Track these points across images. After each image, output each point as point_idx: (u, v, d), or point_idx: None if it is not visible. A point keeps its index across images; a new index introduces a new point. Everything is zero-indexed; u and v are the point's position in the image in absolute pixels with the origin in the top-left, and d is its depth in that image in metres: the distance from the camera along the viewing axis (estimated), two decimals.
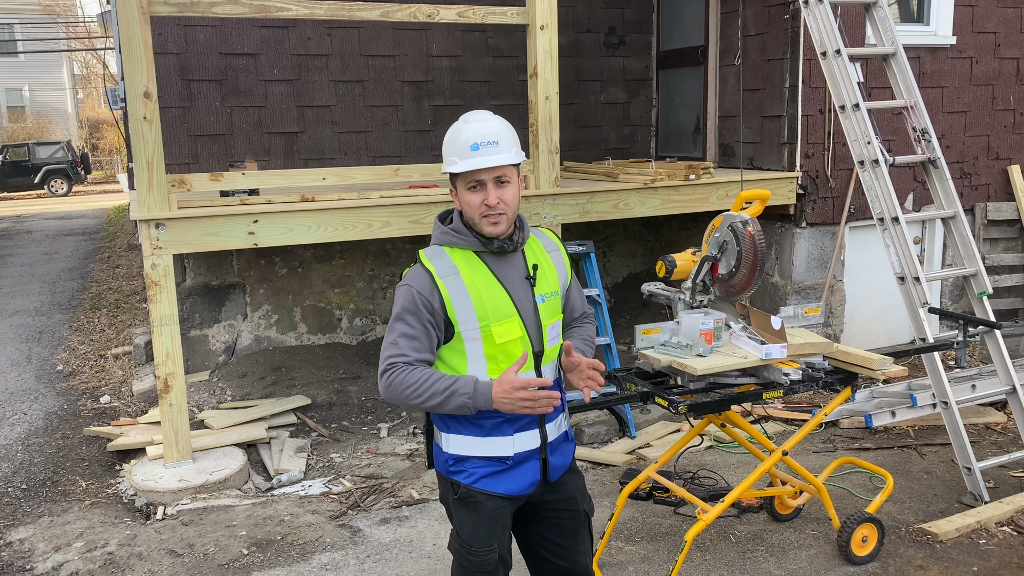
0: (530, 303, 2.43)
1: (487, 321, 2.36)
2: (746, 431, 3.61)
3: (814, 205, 6.48)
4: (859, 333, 6.95)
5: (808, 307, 3.64)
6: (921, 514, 4.20)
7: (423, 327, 2.34)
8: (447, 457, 2.48)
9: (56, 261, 12.40)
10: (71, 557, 3.98)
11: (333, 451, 5.33)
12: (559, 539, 2.59)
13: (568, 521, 2.58)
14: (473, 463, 2.44)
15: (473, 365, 2.39)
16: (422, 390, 2.29)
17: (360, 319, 7.16)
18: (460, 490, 2.45)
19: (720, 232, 3.48)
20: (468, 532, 2.47)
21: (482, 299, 2.36)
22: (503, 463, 2.43)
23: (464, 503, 2.46)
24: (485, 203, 2.35)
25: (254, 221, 4.90)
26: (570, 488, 2.58)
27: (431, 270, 2.37)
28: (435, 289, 2.35)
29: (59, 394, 6.37)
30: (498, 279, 2.40)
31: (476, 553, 2.46)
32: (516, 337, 2.38)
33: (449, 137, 2.42)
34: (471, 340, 2.37)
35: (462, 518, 2.49)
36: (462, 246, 2.42)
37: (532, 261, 2.48)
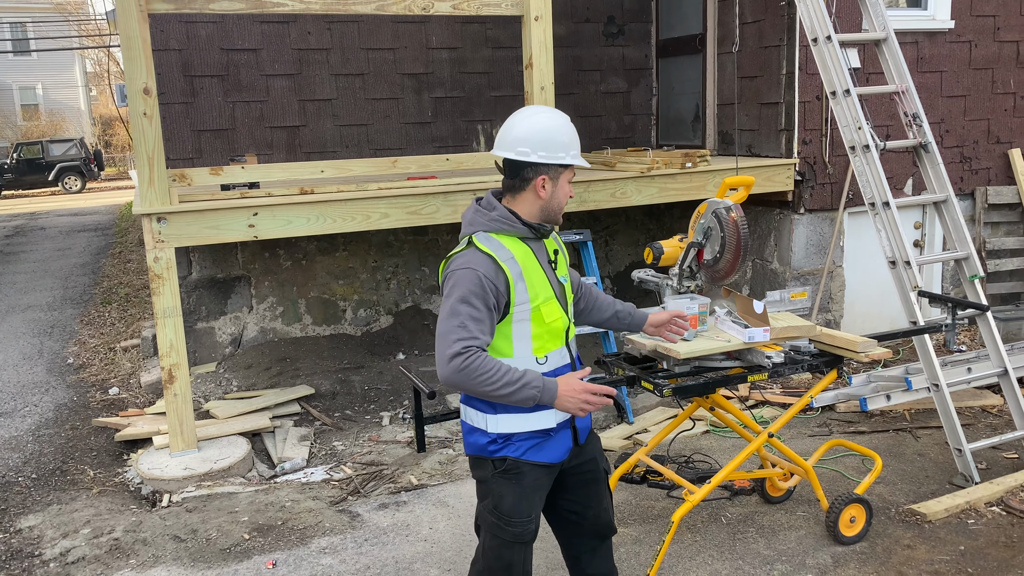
0: (558, 284, 2.65)
1: (537, 302, 2.53)
2: (734, 414, 3.66)
3: (812, 191, 6.50)
4: (859, 319, 6.97)
5: (794, 291, 3.68)
6: (912, 495, 4.25)
7: (488, 310, 2.45)
8: (493, 436, 2.58)
9: (69, 257, 12.57)
10: (78, 543, 4.10)
11: (336, 439, 5.43)
12: (586, 501, 2.77)
13: (592, 482, 2.77)
14: (519, 437, 2.57)
15: (519, 346, 2.54)
16: (496, 378, 2.39)
17: (364, 310, 7.25)
18: (506, 463, 2.57)
19: (705, 218, 3.53)
20: (509, 504, 2.58)
21: (533, 281, 2.54)
22: (547, 435, 2.59)
23: (507, 476, 2.58)
24: (569, 196, 2.64)
25: (254, 214, 4.99)
26: (591, 450, 2.78)
27: (492, 254, 2.49)
28: (500, 272, 2.47)
29: (69, 386, 6.50)
30: (539, 262, 2.60)
31: (516, 524, 2.59)
32: (559, 316, 2.60)
33: (564, 132, 2.56)
34: (520, 321, 2.53)
35: (503, 491, 2.59)
36: (510, 233, 2.57)
37: (552, 247, 2.71)
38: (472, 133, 7.48)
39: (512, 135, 2.55)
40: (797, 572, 3.58)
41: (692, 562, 3.69)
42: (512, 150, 2.53)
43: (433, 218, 5.41)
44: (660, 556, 3.40)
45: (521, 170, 2.54)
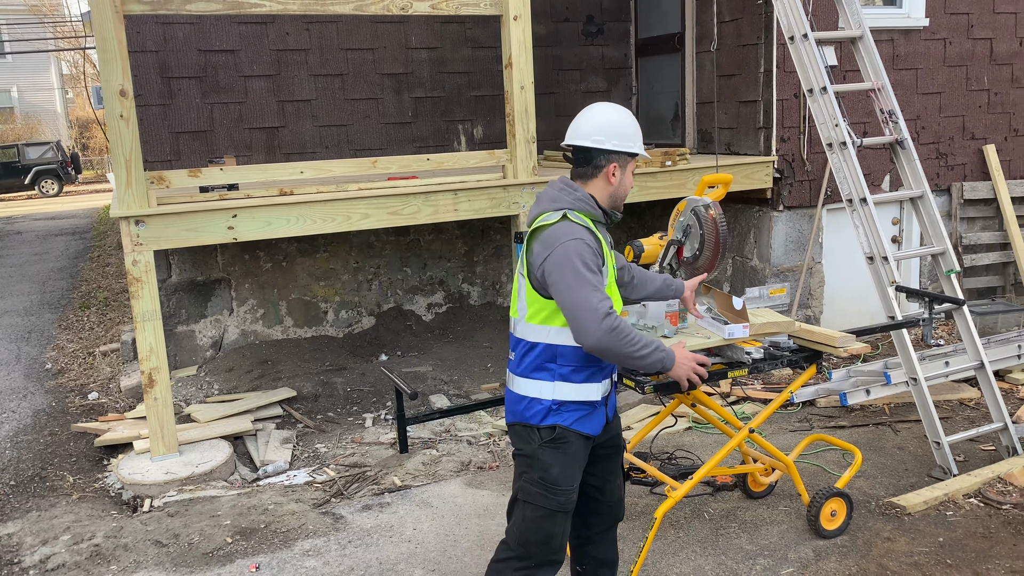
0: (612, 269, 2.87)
1: (611, 278, 2.75)
2: (715, 411, 3.68)
3: (791, 188, 6.55)
4: (839, 314, 7.03)
5: (773, 287, 3.71)
6: (892, 488, 4.29)
7: (602, 277, 2.65)
8: (549, 404, 2.70)
9: (46, 261, 12.43)
10: (58, 550, 4.06)
11: (318, 441, 5.41)
12: (606, 475, 2.96)
13: (613, 456, 2.98)
14: (569, 406, 2.72)
15: None
16: (637, 339, 2.61)
17: (346, 311, 7.22)
18: (556, 432, 2.70)
19: (684, 216, 3.55)
20: (557, 472, 2.71)
21: (609, 260, 2.76)
22: (592, 407, 2.75)
23: (554, 444, 2.71)
24: (631, 185, 2.86)
25: (233, 216, 4.96)
26: (615, 426, 2.99)
27: (590, 226, 2.67)
28: (599, 245, 2.68)
29: (48, 392, 6.43)
30: (608, 246, 2.81)
31: (562, 492, 2.72)
32: (617, 296, 2.80)
33: (632, 124, 2.81)
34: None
35: (550, 460, 2.71)
36: (591, 215, 2.73)
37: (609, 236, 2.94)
38: (453, 133, 7.47)
39: (586, 127, 2.77)
40: (779, 566, 3.61)
41: (675, 558, 3.71)
42: (588, 139, 2.75)
43: (414, 218, 5.40)
44: (643, 553, 3.41)
45: (594, 158, 2.75)
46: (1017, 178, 7.41)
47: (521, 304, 2.73)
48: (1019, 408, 5.22)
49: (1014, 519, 3.90)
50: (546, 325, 2.68)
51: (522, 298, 2.72)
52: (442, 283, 7.55)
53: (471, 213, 5.56)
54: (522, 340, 2.74)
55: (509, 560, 2.82)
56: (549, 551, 2.77)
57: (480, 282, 7.71)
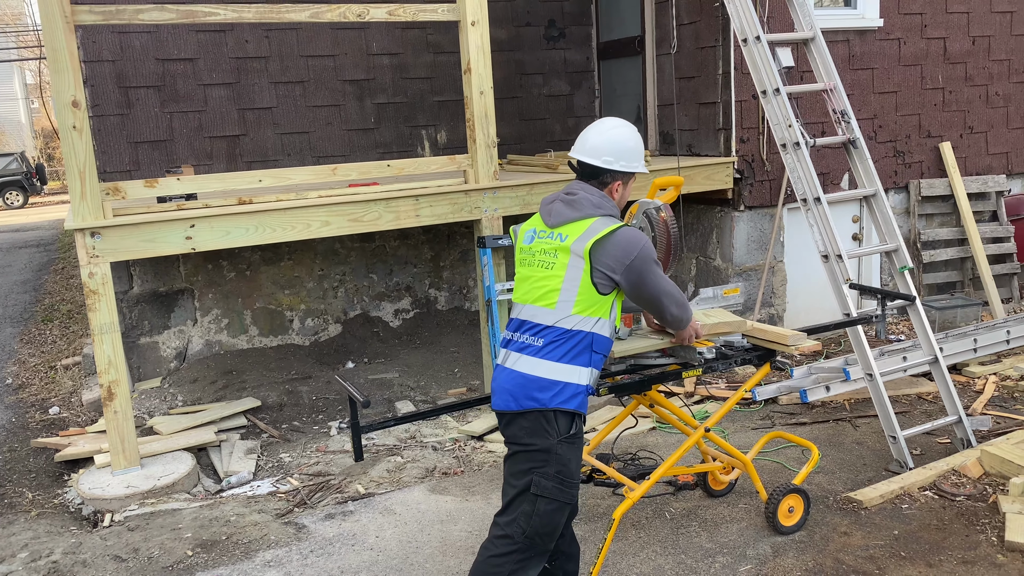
0: None
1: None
2: (672, 411, 3.71)
3: (751, 188, 6.62)
4: (802, 311, 7.11)
5: (727, 288, 3.75)
6: (850, 483, 4.35)
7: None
8: (585, 387, 2.88)
9: (9, 274, 12.25)
10: (15, 568, 4.00)
11: (283, 451, 5.38)
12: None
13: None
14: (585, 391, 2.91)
15: (613, 312, 2.95)
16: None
17: (312, 319, 7.19)
18: (574, 427, 2.85)
19: (636, 219, 3.57)
20: (574, 467, 2.87)
21: None
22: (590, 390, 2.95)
23: (571, 440, 2.85)
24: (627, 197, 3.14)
25: (191, 226, 4.92)
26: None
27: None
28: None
29: (7, 408, 6.34)
30: None
31: (574, 485, 2.88)
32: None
33: (637, 143, 3.08)
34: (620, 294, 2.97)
35: (569, 455, 2.85)
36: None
37: None
38: (416, 138, 7.47)
39: (595, 142, 3.01)
40: (738, 563, 3.64)
41: (635, 558, 3.73)
42: (598, 158, 2.98)
43: (375, 224, 5.39)
44: (602, 553, 3.43)
45: (600, 174, 3.00)
46: (973, 174, 7.54)
47: (568, 296, 2.85)
48: (975, 401, 5.31)
49: (967, 510, 3.97)
50: (592, 316, 2.87)
51: (571, 290, 2.85)
52: (409, 289, 7.54)
53: (433, 219, 5.57)
54: (554, 328, 2.85)
55: (511, 554, 2.86)
56: (551, 541, 2.89)
57: (447, 287, 7.71)
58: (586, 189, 2.98)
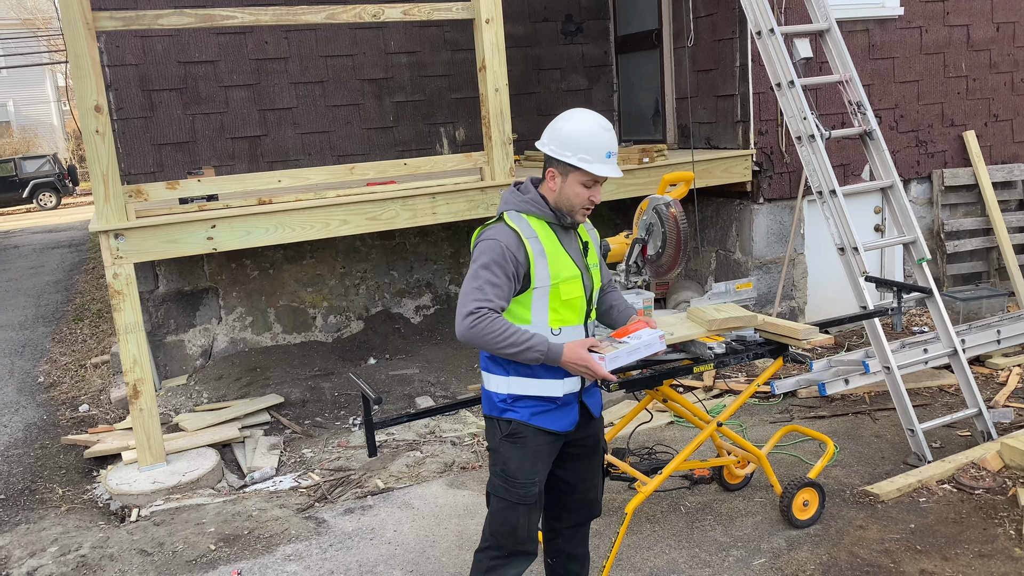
0: (586, 268, 2.87)
1: (557, 280, 2.75)
2: (685, 406, 3.73)
3: (771, 181, 6.58)
4: (823, 304, 7.06)
5: (740, 282, 3.75)
6: (868, 477, 4.33)
7: (507, 278, 2.68)
8: (504, 396, 2.80)
9: (42, 274, 12.51)
10: (45, 561, 4.12)
11: (305, 447, 5.47)
12: (580, 473, 2.98)
13: (590, 455, 2.99)
14: (526, 402, 2.79)
15: (537, 316, 2.76)
16: (503, 337, 2.63)
17: (334, 316, 7.28)
18: (511, 426, 2.79)
19: (646, 215, 3.59)
20: (514, 465, 2.80)
21: (555, 261, 2.75)
22: (552, 403, 2.80)
23: (512, 439, 2.80)
24: (591, 199, 2.77)
25: (212, 226, 5.01)
26: (595, 426, 3.00)
27: (517, 230, 2.72)
28: (521, 246, 2.70)
29: (39, 405, 6.50)
30: (564, 247, 2.81)
31: (520, 485, 2.79)
32: (578, 296, 2.80)
33: (582, 133, 2.72)
34: (540, 296, 2.75)
35: (509, 454, 2.80)
36: (539, 216, 2.78)
37: (585, 238, 2.92)
38: (435, 136, 7.52)
39: (546, 128, 2.85)
40: (752, 557, 3.65)
41: (650, 552, 3.75)
42: (540, 139, 2.85)
43: (393, 223, 5.45)
44: (615, 548, 3.46)
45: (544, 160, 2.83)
46: (998, 163, 7.43)
47: None
48: (997, 393, 5.26)
49: (985, 504, 3.94)
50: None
51: None
52: (429, 285, 7.60)
53: (449, 216, 5.61)
54: None
55: (486, 550, 2.92)
56: (516, 541, 2.85)
57: None
58: (512, 187, 2.86)
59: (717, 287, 3.74)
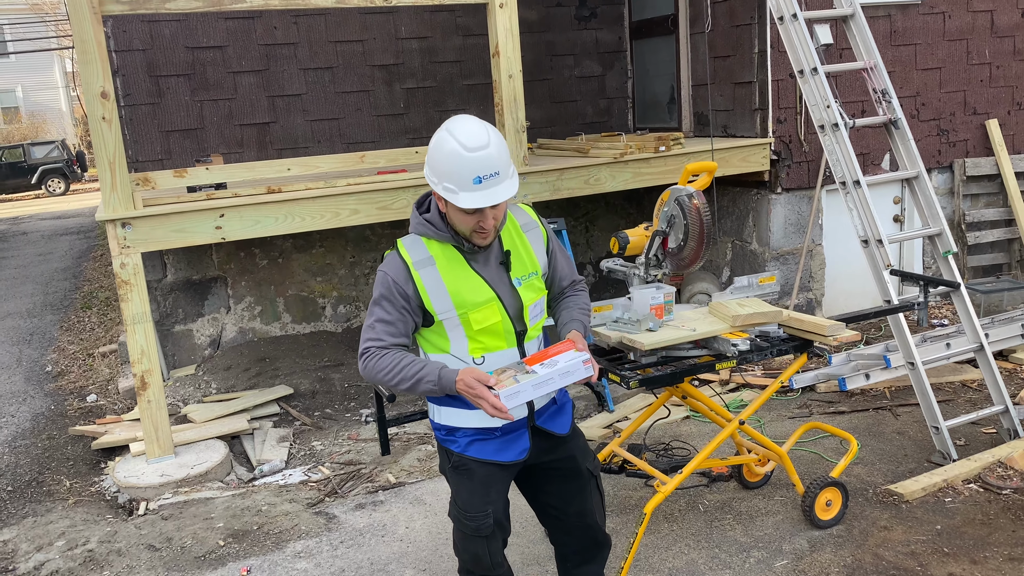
0: (507, 287, 2.51)
1: (464, 309, 2.44)
2: (704, 402, 3.63)
3: (789, 170, 6.45)
4: (841, 295, 6.94)
5: (763, 276, 3.64)
6: (890, 475, 4.23)
7: (399, 313, 2.44)
8: (439, 427, 2.62)
9: (50, 261, 12.47)
10: (52, 556, 4.06)
11: (315, 439, 5.39)
12: (565, 497, 2.73)
13: (570, 479, 2.71)
14: (463, 432, 2.57)
15: (456, 345, 2.49)
16: (392, 374, 2.42)
17: (344, 306, 7.20)
18: (453, 458, 2.61)
19: (668, 206, 3.48)
20: (464, 498, 2.62)
21: (459, 288, 2.44)
22: (491, 433, 2.56)
23: (458, 470, 2.61)
24: (480, 224, 2.39)
25: (220, 215, 4.92)
26: (569, 447, 2.70)
27: (407, 260, 2.45)
28: (409, 279, 2.43)
29: (47, 395, 6.45)
30: (474, 268, 2.49)
31: (472, 518, 2.60)
32: (495, 321, 2.47)
33: (443, 157, 2.34)
34: (452, 327, 2.47)
35: (458, 484, 2.64)
36: (438, 239, 2.47)
37: (508, 245, 2.54)
38: None
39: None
40: (773, 558, 3.56)
41: (668, 552, 3.66)
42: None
43: (404, 212, 5.35)
44: (633, 549, 3.37)
45: None
46: (1021, 152, 7.27)
47: None
48: (1022, 389, 5.13)
49: (1014, 504, 3.83)
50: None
51: None
52: None
53: None
54: None
55: (461, 572, 2.79)
56: (482, 568, 2.67)
57: None
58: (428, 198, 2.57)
59: (739, 281, 3.63)
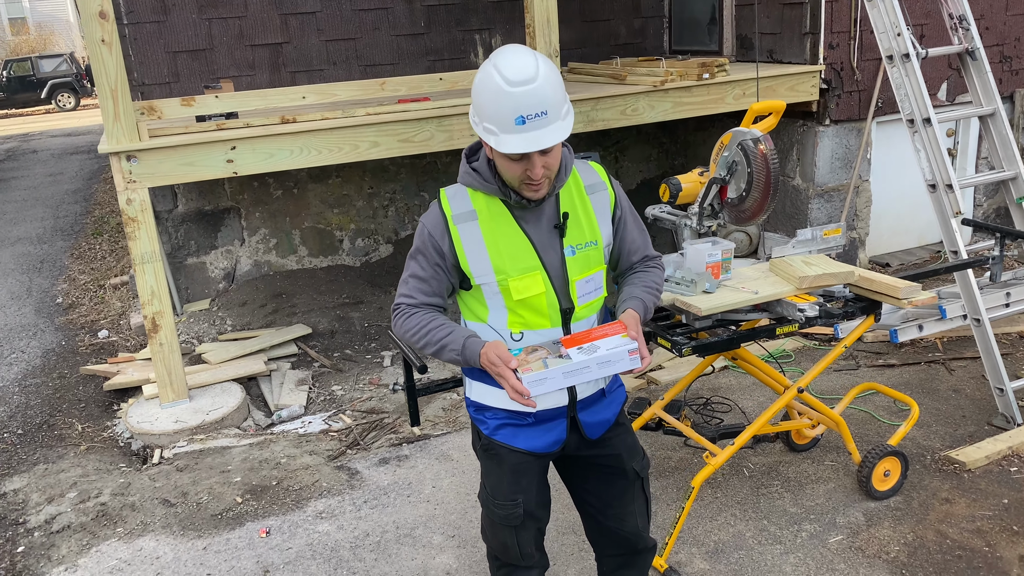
0: (557, 255, 2.17)
1: (504, 275, 2.13)
2: (760, 368, 3.34)
3: (838, 100, 5.99)
4: (886, 235, 6.58)
5: (828, 228, 3.29)
6: (948, 439, 3.96)
7: (432, 270, 2.18)
8: (470, 402, 2.36)
9: (60, 183, 12.17)
10: (64, 509, 3.89)
11: (335, 383, 5.17)
12: (605, 496, 2.42)
13: (612, 478, 2.39)
14: (494, 413, 2.29)
15: (494, 316, 2.20)
16: (419, 336, 2.18)
17: (362, 239, 6.89)
18: (483, 439, 2.35)
19: (729, 151, 3.11)
20: (492, 483, 2.37)
21: (500, 250, 2.13)
22: (523, 418, 2.26)
23: (487, 453, 2.36)
24: (527, 173, 2.04)
25: (231, 148, 4.58)
26: (615, 444, 2.37)
27: (447, 213, 2.16)
28: (446, 233, 2.15)
29: (58, 329, 6.24)
30: (522, 228, 2.16)
31: (500, 506, 2.35)
32: (538, 293, 2.15)
33: (485, 92, 2.01)
34: (490, 294, 2.17)
35: (487, 468, 2.39)
36: (485, 192, 2.16)
37: (566, 207, 2.18)
38: (469, 44, 6.92)
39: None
40: (827, 532, 3.33)
41: (713, 523, 3.44)
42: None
43: (427, 145, 4.98)
44: (679, 524, 3.14)
45: None
46: None
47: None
48: None
49: None
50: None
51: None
52: None
53: None
54: None
55: (489, 556, 2.54)
56: (510, 558, 2.42)
57: None
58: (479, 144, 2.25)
59: (802, 233, 3.28)
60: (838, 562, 3.15)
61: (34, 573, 3.46)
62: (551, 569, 2.60)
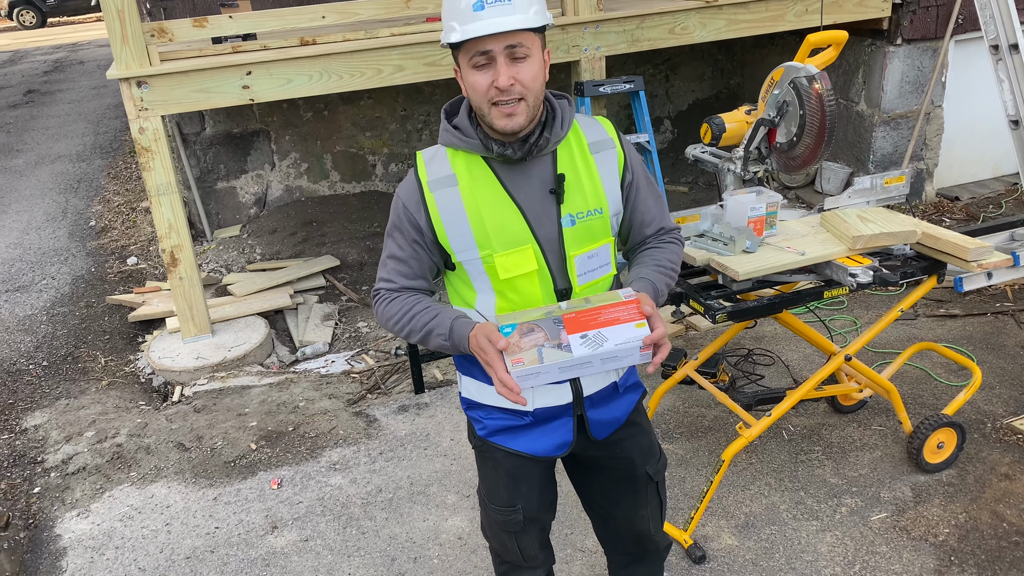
0: (554, 226, 1.83)
1: (489, 250, 1.81)
2: (805, 333, 3.03)
3: (913, 17, 5.42)
4: (956, 165, 6.07)
5: (889, 176, 2.92)
6: (1013, 404, 3.62)
7: (411, 248, 1.87)
8: (463, 399, 2.08)
9: (104, 96, 12.04)
10: (80, 449, 3.83)
11: (361, 318, 5.01)
12: (613, 497, 2.16)
13: (624, 482, 2.12)
14: (488, 412, 2.00)
15: (482, 299, 1.89)
16: (402, 323, 1.88)
17: (395, 164, 6.62)
18: (475, 440, 2.10)
19: (779, 89, 2.74)
20: (488, 487, 2.12)
21: (483, 220, 1.80)
22: (521, 418, 1.98)
23: (482, 455, 2.10)
24: (495, 85, 1.70)
25: (247, 73, 4.31)
26: (626, 447, 2.07)
27: (422, 179, 1.83)
28: (421, 204, 1.83)
29: (88, 254, 6.17)
30: (509, 193, 1.81)
31: (497, 511, 2.12)
32: (529, 271, 1.83)
33: None
34: (475, 272, 1.85)
35: (483, 470, 2.13)
36: (465, 149, 1.82)
37: (563, 168, 1.83)
38: None
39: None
40: (869, 509, 3.07)
41: (745, 492, 3.20)
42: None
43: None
44: (707, 497, 2.92)
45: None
46: None
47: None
48: None
49: None
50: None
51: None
52: None
53: None
54: None
55: (491, 550, 2.33)
56: (510, 557, 2.21)
57: None
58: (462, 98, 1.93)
59: (860, 182, 2.92)
60: (879, 543, 2.90)
61: (48, 517, 3.43)
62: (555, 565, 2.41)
